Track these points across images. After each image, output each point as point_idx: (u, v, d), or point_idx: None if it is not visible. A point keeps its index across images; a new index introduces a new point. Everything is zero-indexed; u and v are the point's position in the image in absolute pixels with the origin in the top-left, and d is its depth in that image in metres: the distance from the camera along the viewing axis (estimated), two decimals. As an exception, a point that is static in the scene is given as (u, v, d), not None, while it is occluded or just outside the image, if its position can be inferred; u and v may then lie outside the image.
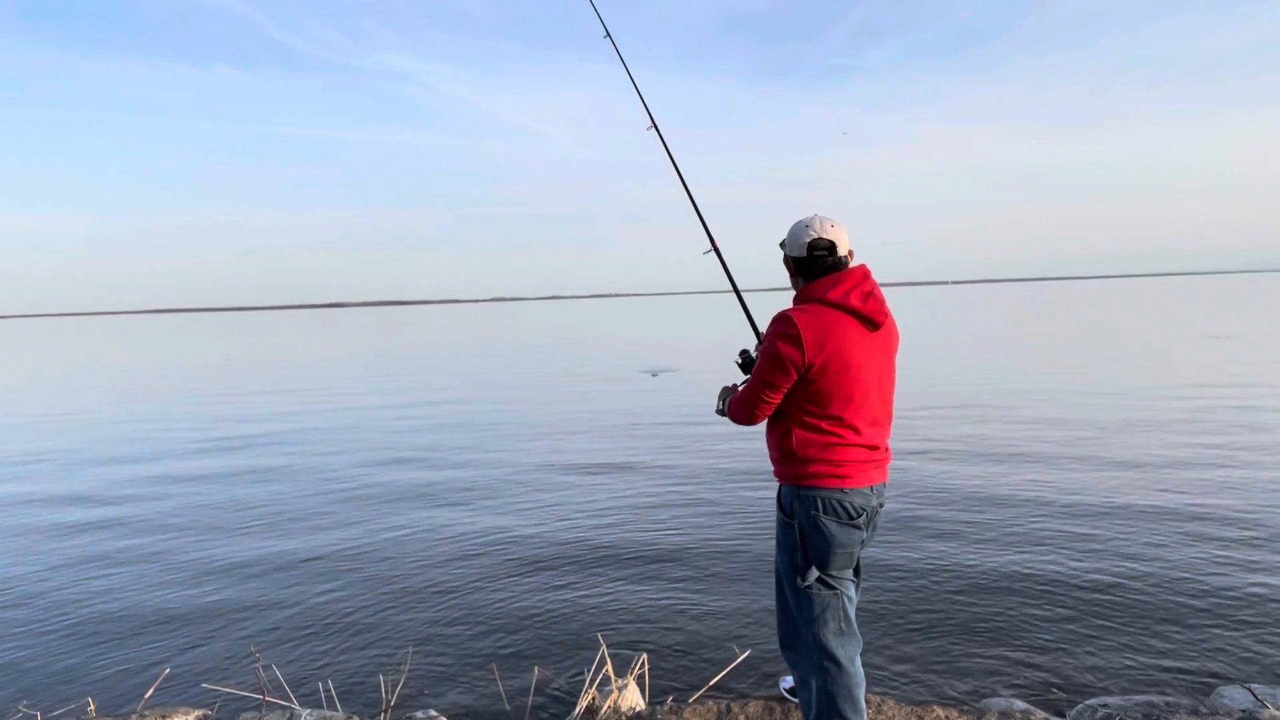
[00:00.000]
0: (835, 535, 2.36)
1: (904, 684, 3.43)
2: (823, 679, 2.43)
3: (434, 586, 4.76)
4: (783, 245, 2.52)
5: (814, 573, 2.39)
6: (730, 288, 3.24)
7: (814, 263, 2.41)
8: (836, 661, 2.42)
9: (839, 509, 2.36)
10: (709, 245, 3.23)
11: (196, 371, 22.69)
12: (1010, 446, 8.15)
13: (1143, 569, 4.60)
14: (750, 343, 2.98)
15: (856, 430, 2.37)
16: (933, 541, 5.18)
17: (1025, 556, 4.87)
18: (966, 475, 6.96)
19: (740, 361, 2.88)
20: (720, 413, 2.70)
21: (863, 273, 2.41)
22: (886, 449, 2.47)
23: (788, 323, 2.30)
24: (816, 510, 2.35)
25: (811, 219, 2.42)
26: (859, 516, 2.38)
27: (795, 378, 2.31)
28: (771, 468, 2.55)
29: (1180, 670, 3.47)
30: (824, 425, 2.35)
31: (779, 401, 2.39)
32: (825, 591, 2.41)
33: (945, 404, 11.12)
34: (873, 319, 2.36)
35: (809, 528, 2.37)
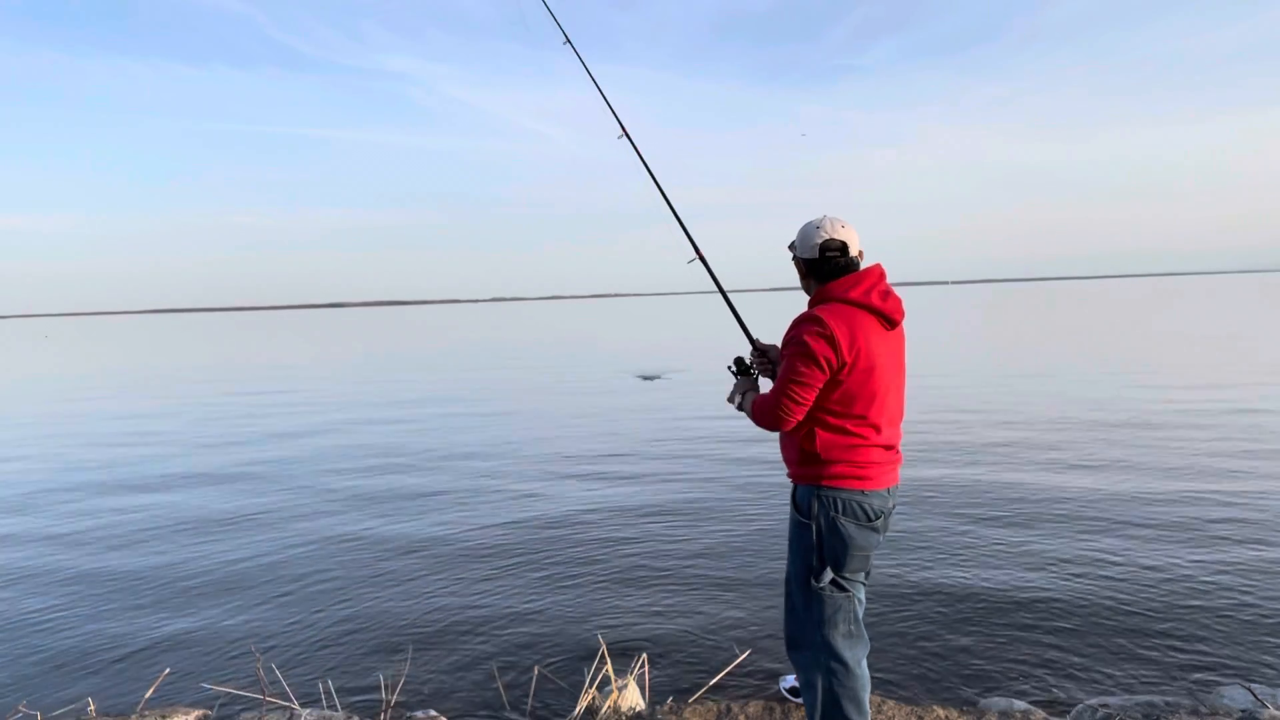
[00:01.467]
0: (853, 537, 2.36)
1: (904, 684, 3.43)
2: (829, 680, 2.43)
3: (434, 587, 4.76)
4: (792, 247, 2.51)
5: (829, 574, 2.39)
6: (718, 292, 3.15)
7: (826, 264, 2.41)
8: (844, 663, 2.42)
9: (858, 511, 2.36)
10: (693, 254, 3.16)
11: (194, 372, 22.68)
12: (1011, 448, 8.15)
13: (1142, 569, 4.60)
14: (744, 349, 2.93)
15: (878, 430, 2.37)
16: (933, 542, 5.18)
17: (1025, 556, 4.87)
18: (967, 476, 6.96)
19: (735, 369, 2.81)
20: (739, 407, 2.66)
21: (879, 272, 2.42)
22: (899, 450, 2.48)
23: (818, 322, 2.28)
24: (836, 511, 2.35)
25: (822, 220, 2.42)
26: (877, 519, 2.38)
27: (828, 376, 2.29)
28: (785, 469, 2.54)
29: (1180, 670, 3.47)
30: (848, 426, 2.34)
31: (812, 402, 2.33)
32: (837, 594, 2.41)
33: (947, 405, 11.12)
34: (891, 317, 2.37)
35: (827, 529, 2.36)
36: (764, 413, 2.44)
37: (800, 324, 2.33)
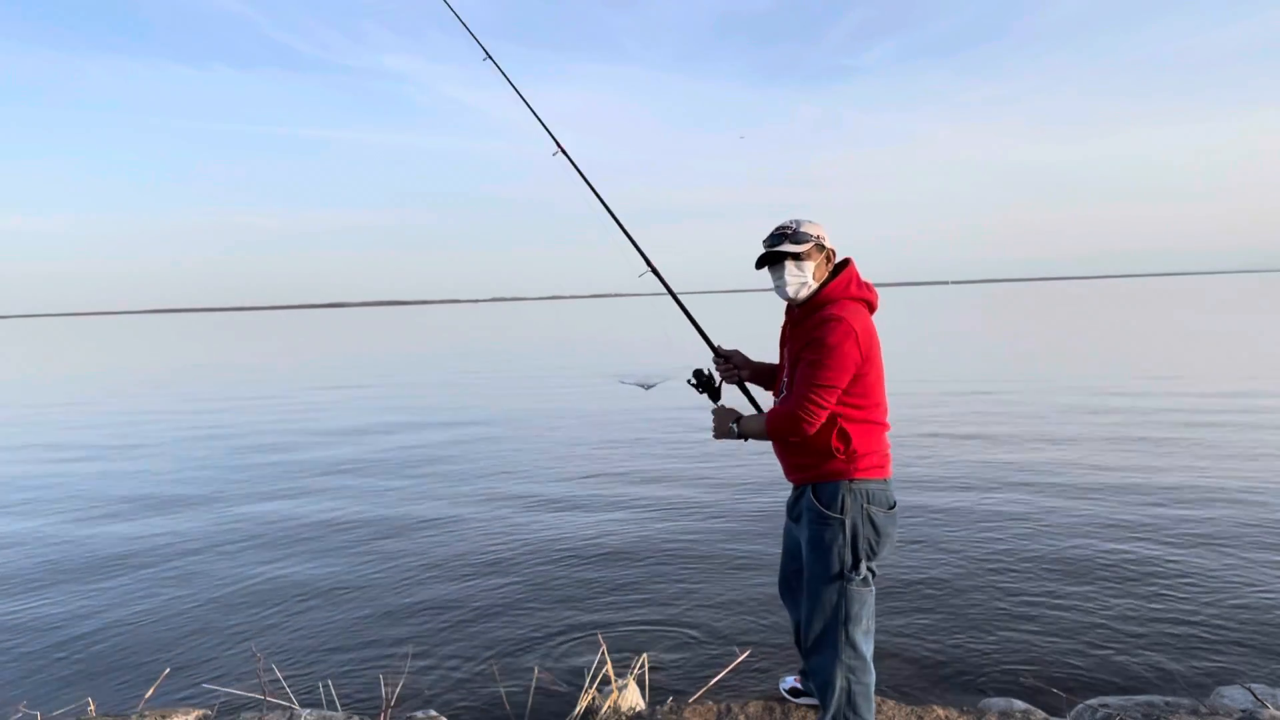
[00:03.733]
0: (884, 526, 2.41)
1: (904, 684, 3.43)
2: (848, 678, 2.45)
3: (434, 587, 4.76)
4: (789, 243, 2.56)
5: (864, 567, 2.41)
6: (676, 304, 3.04)
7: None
8: (863, 659, 2.46)
9: (884, 500, 2.42)
10: (645, 268, 3.00)
11: (194, 372, 22.66)
12: (1012, 446, 8.15)
13: (1142, 569, 4.60)
14: (705, 359, 2.90)
15: (886, 416, 2.48)
16: (932, 542, 5.18)
17: (1025, 557, 4.86)
18: (966, 475, 6.96)
19: (695, 382, 2.71)
20: (737, 435, 2.55)
21: (854, 266, 2.51)
22: None
23: (843, 322, 2.31)
24: (869, 503, 2.39)
25: (799, 222, 2.48)
26: (895, 506, 2.46)
27: (852, 374, 2.34)
28: (785, 472, 2.58)
29: (1180, 670, 3.47)
30: (874, 416, 2.42)
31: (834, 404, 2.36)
32: (864, 588, 2.44)
33: (947, 404, 11.11)
34: (875, 304, 2.49)
35: (862, 521, 2.39)
36: (786, 419, 2.37)
37: (825, 325, 2.33)
